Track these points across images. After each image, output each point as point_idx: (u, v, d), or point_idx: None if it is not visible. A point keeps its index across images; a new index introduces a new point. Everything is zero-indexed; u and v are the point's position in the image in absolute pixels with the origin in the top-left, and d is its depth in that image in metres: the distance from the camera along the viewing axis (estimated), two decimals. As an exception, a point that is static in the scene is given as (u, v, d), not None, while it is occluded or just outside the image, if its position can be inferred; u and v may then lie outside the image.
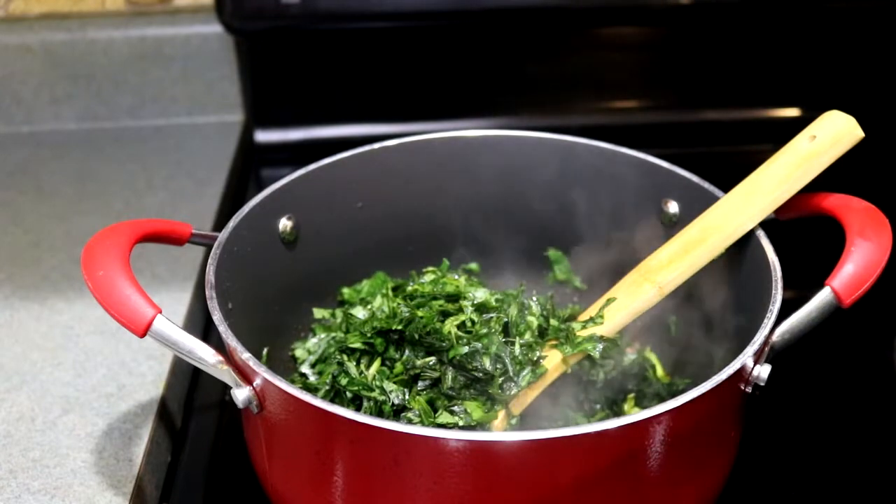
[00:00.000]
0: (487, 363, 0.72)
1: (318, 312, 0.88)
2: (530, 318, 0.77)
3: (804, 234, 0.82)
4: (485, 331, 0.73)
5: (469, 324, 0.74)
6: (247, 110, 1.29)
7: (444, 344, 0.73)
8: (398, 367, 0.74)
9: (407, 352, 0.75)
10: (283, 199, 0.81)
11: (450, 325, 0.74)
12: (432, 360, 0.73)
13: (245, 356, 0.63)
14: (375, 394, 0.73)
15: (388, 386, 0.73)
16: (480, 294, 0.77)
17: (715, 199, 0.78)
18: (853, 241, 0.67)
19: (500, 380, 0.73)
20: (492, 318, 0.75)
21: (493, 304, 0.77)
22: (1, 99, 1.25)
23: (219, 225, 1.04)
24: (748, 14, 1.21)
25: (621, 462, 0.61)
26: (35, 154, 1.22)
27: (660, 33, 1.26)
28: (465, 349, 0.72)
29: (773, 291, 0.67)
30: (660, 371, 0.85)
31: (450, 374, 0.72)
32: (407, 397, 0.72)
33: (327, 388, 0.77)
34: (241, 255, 0.76)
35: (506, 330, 0.75)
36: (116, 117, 1.28)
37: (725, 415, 0.67)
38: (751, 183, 0.75)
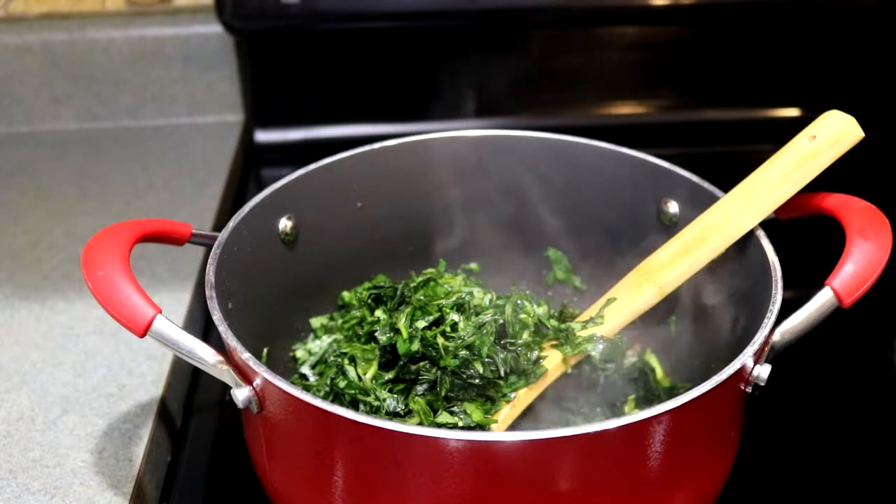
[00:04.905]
0: (480, 368, 0.72)
1: (316, 321, 0.88)
2: (524, 317, 0.77)
3: (804, 234, 0.82)
4: (472, 336, 0.73)
5: (450, 329, 0.73)
6: (247, 110, 1.29)
7: (434, 354, 0.73)
8: (392, 373, 0.74)
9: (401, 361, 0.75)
10: (283, 199, 0.81)
11: (436, 336, 0.73)
12: (426, 363, 0.73)
13: (245, 356, 0.63)
14: (371, 399, 0.73)
15: (382, 394, 0.73)
16: (469, 292, 0.77)
17: (715, 199, 0.78)
18: (853, 241, 0.67)
19: (499, 382, 0.73)
20: (486, 320, 0.74)
21: (486, 305, 0.76)
22: (1, 99, 1.25)
23: (219, 225, 1.04)
24: (748, 14, 1.21)
25: (621, 462, 0.61)
26: (35, 154, 1.22)
27: (660, 33, 1.26)
28: (456, 361, 0.71)
29: (773, 291, 0.67)
30: (660, 373, 0.85)
31: (447, 381, 0.72)
32: (401, 406, 0.72)
33: (326, 389, 0.77)
34: (241, 255, 0.76)
35: (503, 331, 0.75)
36: (116, 117, 1.28)
37: (725, 415, 0.67)
38: (751, 183, 0.75)
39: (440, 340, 0.72)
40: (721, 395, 0.63)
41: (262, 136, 1.29)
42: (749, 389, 0.66)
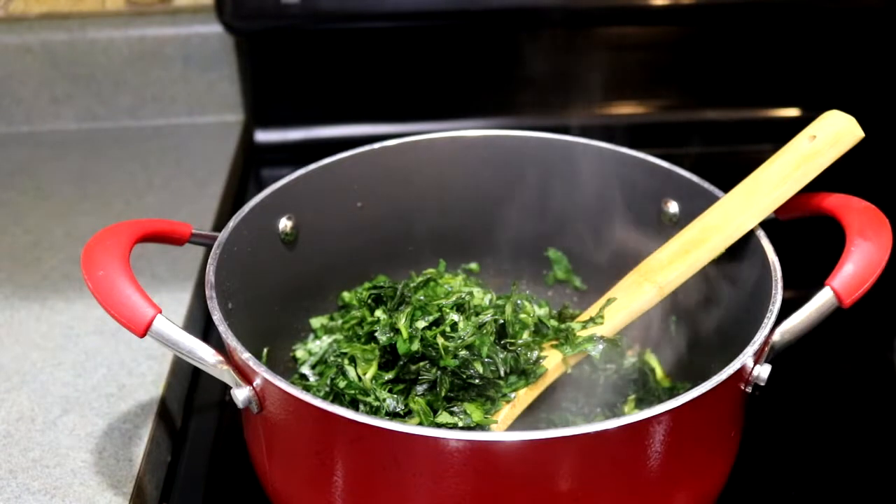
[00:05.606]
0: (480, 368, 0.72)
1: (316, 321, 0.88)
2: (524, 317, 0.77)
3: (804, 234, 0.82)
4: (472, 336, 0.73)
5: (450, 329, 0.73)
6: (247, 110, 1.29)
7: (434, 354, 0.73)
8: (392, 373, 0.74)
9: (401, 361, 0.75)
10: (283, 199, 0.81)
11: (436, 336, 0.73)
12: (426, 363, 0.73)
13: (245, 356, 0.63)
14: (370, 399, 0.73)
15: (382, 394, 0.73)
16: (469, 292, 0.77)
17: (715, 199, 0.78)
18: (853, 241, 0.67)
19: (499, 382, 0.73)
20: (486, 320, 0.74)
21: (486, 305, 0.76)
22: (1, 99, 1.25)
23: (219, 225, 1.04)
24: (748, 14, 1.21)
25: (621, 462, 0.61)
26: (35, 154, 1.22)
27: (660, 33, 1.26)
28: (456, 361, 0.71)
29: (773, 291, 0.67)
30: (660, 373, 0.85)
31: (447, 381, 0.72)
32: (401, 406, 0.72)
33: (326, 389, 0.77)
34: (241, 255, 0.76)
35: (503, 331, 0.75)
36: (116, 117, 1.28)
37: (725, 415, 0.67)
38: (751, 183, 0.75)
39: (440, 340, 0.72)
40: (721, 395, 0.63)
41: (262, 136, 1.29)
42: (749, 389, 0.66)
